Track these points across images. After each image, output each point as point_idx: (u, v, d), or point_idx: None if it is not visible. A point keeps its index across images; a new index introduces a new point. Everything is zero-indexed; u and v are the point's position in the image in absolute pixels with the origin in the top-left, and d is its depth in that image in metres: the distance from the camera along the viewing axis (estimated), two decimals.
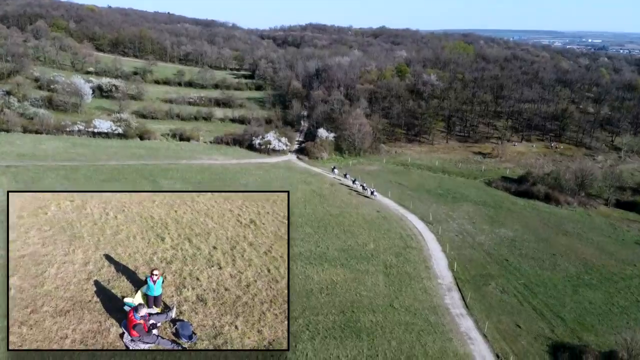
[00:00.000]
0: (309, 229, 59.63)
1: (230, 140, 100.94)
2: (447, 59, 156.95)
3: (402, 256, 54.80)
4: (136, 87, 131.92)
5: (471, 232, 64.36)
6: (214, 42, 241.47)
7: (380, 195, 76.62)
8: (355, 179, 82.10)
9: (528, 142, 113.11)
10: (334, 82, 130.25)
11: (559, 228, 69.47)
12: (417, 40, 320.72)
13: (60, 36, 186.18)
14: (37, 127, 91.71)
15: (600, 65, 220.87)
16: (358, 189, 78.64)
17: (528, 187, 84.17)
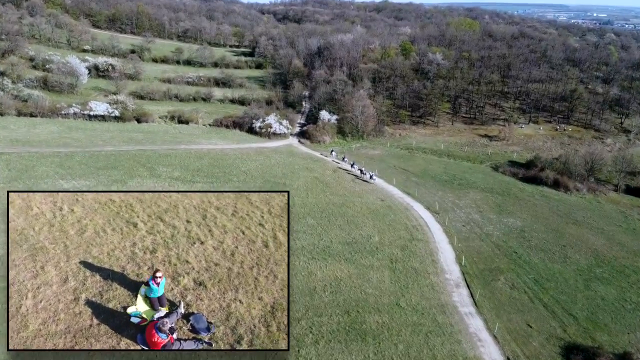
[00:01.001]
0: (312, 220, 57.70)
1: (230, 123, 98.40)
2: (453, 36, 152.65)
3: (408, 249, 52.98)
4: (133, 67, 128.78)
5: (479, 222, 62.42)
6: (213, 18, 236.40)
7: (385, 183, 74.59)
8: (353, 162, 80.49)
9: (535, 124, 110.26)
10: (337, 61, 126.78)
11: (568, 217, 67.47)
12: (421, 15, 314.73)
13: (56, 13, 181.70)
14: (31, 110, 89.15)
15: (607, 42, 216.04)
16: (356, 173, 77.08)
17: (536, 172, 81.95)
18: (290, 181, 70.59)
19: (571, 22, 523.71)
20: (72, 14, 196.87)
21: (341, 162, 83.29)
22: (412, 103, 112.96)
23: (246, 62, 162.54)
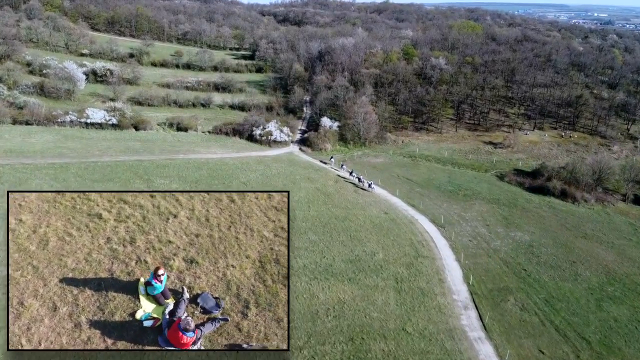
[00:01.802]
0: (314, 235, 55.90)
1: (229, 131, 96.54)
2: (455, 39, 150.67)
3: (413, 267, 51.15)
4: (132, 71, 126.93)
5: (485, 237, 60.58)
6: (213, 20, 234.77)
7: (388, 193, 72.80)
8: (352, 170, 79.48)
9: (540, 130, 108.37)
10: (338, 65, 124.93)
11: (577, 230, 65.64)
12: (422, 17, 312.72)
13: (55, 15, 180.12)
14: (27, 118, 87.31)
15: (611, 44, 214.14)
16: (354, 181, 75.95)
17: (543, 182, 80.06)
18: (291, 193, 68.37)
19: (572, 22, 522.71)
20: (71, 16, 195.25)
21: (340, 170, 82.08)
22: (414, 109, 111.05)
23: (246, 65, 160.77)
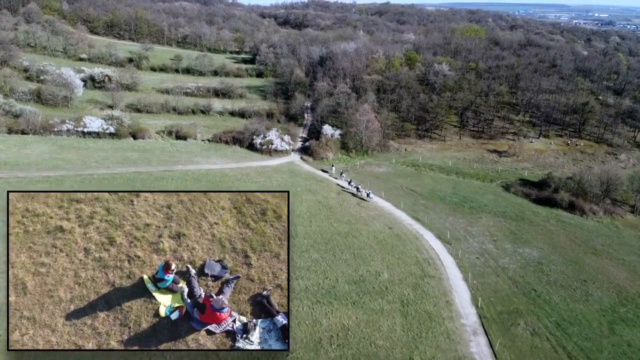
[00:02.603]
0: (316, 253, 54.07)
1: (229, 139, 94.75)
2: (458, 44, 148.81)
3: (420, 288, 49.32)
4: (130, 77, 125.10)
5: (493, 253, 58.75)
6: (213, 22, 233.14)
7: (392, 206, 70.97)
8: (350, 180, 78.50)
9: (546, 137, 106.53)
10: (340, 71, 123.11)
11: (587, 245, 63.80)
12: (424, 19, 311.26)
13: (53, 19, 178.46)
14: (22, 128, 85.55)
15: (614, 47, 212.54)
16: (352, 191, 74.89)
17: (550, 193, 78.28)
18: (292, 206, 66.55)
19: (573, 23, 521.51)
20: (70, 19, 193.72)
21: (339, 178, 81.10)
22: (417, 116, 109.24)
23: (246, 70, 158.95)
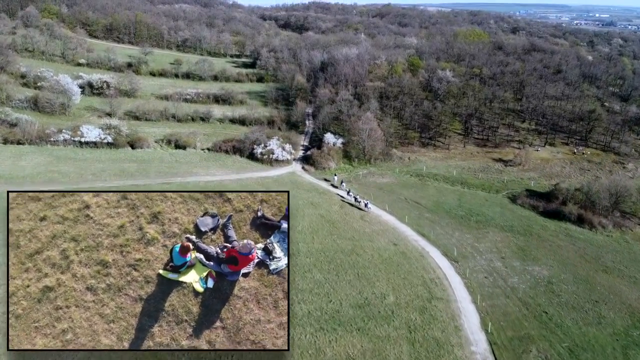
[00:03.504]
0: (319, 274, 52.20)
1: (229, 148, 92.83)
2: (462, 49, 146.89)
3: (427, 312, 47.42)
4: (129, 83, 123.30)
5: (502, 272, 56.85)
6: (213, 25, 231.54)
7: (396, 220, 69.09)
8: (349, 189, 77.72)
9: (552, 146, 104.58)
10: (342, 77, 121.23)
11: (597, 262, 61.90)
12: (425, 21, 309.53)
13: (52, 23, 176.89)
14: (18, 137, 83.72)
15: (617, 50, 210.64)
16: (351, 201, 73.89)
17: (558, 205, 76.37)
18: (294, 221, 64.81)
19: (574, 24, 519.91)
20: (69, 23, 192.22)
21: (340, 187, 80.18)
22: (421, 123, 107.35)
23: (247, 74, 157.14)
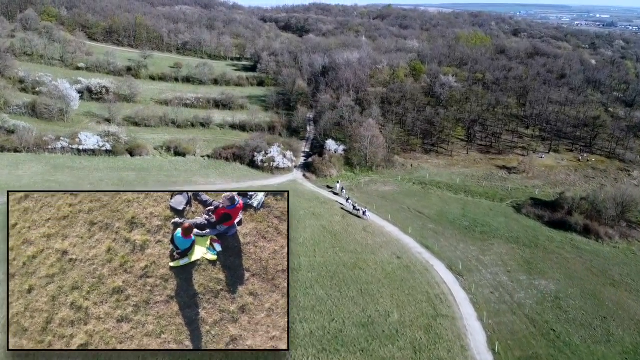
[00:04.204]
0: (321, 290, 50.98)
1: (229, 156, 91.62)
2: (464, 54, 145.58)
3: (432, 331, 46.18)
4: (128, 88, 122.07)
5: (508, 287, 55.61)
6: (214, 27, 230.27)
7: (400, 231, 67.87)
8: (348, 197, 77.44)
9: (556, 152, 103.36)
10: (343, 81, 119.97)
11: (604, 275, 60.70)
12: (426, 22, 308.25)
13: (51, 25, 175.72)
14: (16, 145, 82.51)
15: (620, 53, 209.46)
16: (349, 208, 73.41)
17: (563, 215, 75.17)
18: (295, 233, 63.76)
19: (575, 25, 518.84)
20: (68, 26, 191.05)
21: (340, 194, 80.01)
22: (423, 129, 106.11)
23: (247, 78, 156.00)
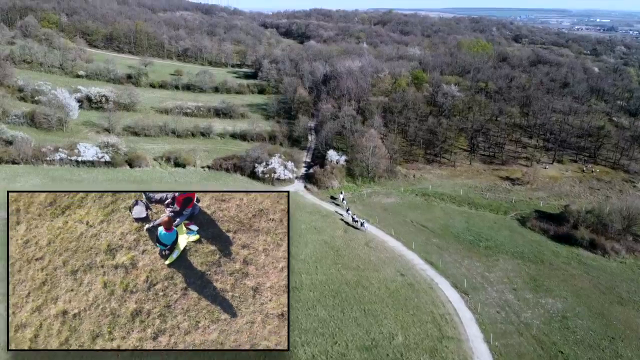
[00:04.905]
0: (323, 310, 49.79)
1: (230, 166, 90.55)
2: (466, 62, 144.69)
3: (438, 354, 45.00)
4: (128, 96, 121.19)
5: (514, 306, 54.40)
6: (215, 33, 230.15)
7: (404, 247, 66.73)
8: (348, 207, 77.29)
9: (560, 163, 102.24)
10: (344, 90, 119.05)
11: (612, 292, 59.47)
12: (428, 28, 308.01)
13: (51, 32, 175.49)
14: (13, 157, 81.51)
15: (622, 60, 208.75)
16: (348, 220, 73.32)
17: (569, 229, 73.89)
18: (296, 248, 62.83)
19: (575, 29, 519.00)
20: (68, 32, 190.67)
21: (340, 204, 79.96)
22: (426, 139, 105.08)
23: (248, 86, 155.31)
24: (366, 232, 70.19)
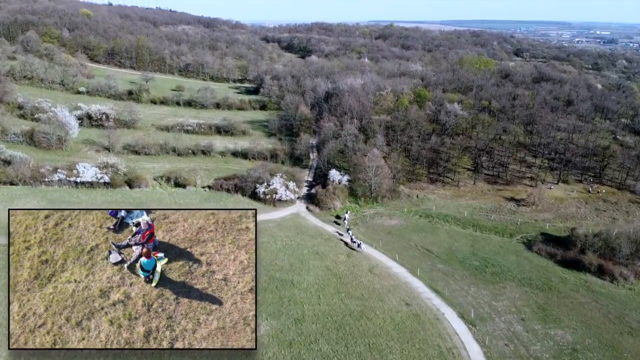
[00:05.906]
0: (326, 345, 48.21)
1: (231, 187, 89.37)
2: (469, 80, 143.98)
3: None
4: (129, 113, 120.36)
5: (523, 338, 52.80)
6: (216, 48, 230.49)
7: (408, 273, 65.27)
8: (349, 227, 77.52)
9: (565, 183, 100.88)
10: (346, 108, 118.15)
11: (622, 322, 57.91)
12: (429, 43, 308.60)
13: (52, 47, 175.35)
14: (11, 178, 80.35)
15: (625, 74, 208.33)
16: (346, 240, 73.47)
17: (576, 254, 72.40)
18: (298, 276, 61.58)
19: (576, 42, 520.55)
20: (70, 47, 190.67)
21: (342, 222, 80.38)
22: (429, 158, 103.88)
23: (250, 102, 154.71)
24: (363, 252, 70.16)
